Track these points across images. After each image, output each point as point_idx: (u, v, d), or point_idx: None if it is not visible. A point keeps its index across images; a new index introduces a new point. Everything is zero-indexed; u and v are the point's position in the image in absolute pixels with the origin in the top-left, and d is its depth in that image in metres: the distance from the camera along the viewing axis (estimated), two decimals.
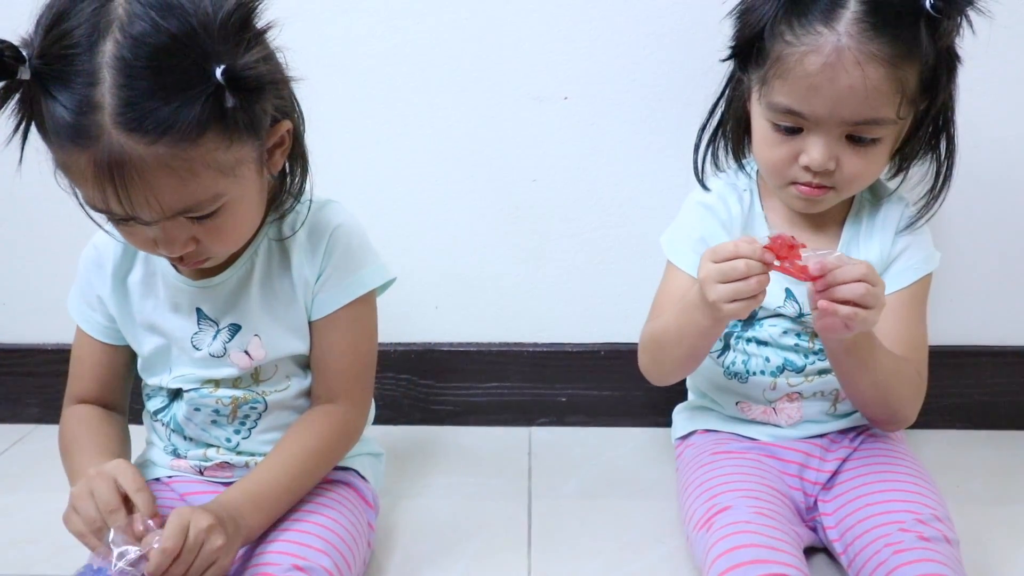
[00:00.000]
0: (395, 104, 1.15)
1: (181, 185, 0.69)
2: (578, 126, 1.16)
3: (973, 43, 0.85)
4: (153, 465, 0.94)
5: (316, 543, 0.82)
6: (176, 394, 0.90)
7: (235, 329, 0.86)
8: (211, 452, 0.90)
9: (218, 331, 0.87)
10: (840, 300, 0.78)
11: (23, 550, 1.00)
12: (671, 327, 0.92)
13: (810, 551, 0.96)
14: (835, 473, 0.97)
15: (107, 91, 0.65)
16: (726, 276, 0.79)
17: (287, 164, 0.83)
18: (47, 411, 1.29)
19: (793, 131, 0.87)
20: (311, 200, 0.88)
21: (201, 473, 0.91)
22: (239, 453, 0.91)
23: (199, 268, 0.84)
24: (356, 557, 0.87)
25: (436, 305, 1.24)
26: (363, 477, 0.96)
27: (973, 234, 1.17)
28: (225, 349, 0.87)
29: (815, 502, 0.97)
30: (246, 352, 0.87)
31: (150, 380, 0.91)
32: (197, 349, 0.87)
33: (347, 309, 0.88)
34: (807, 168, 0.87)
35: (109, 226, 0.82)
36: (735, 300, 0.79)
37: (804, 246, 0.79)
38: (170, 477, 0.92)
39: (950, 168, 0.94)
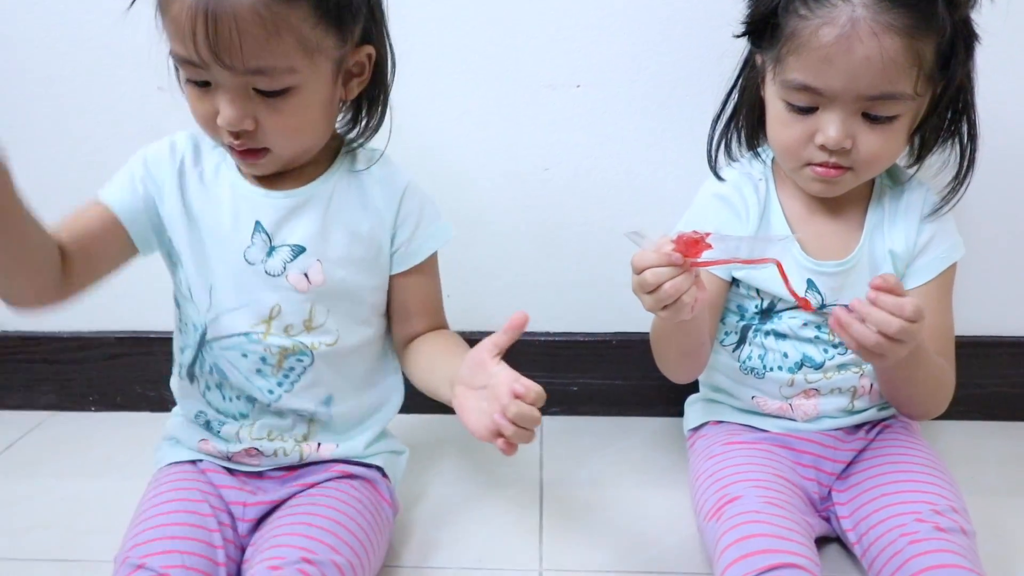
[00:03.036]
0: (407, 92, 1.14)
1: (266, 38, 0.74)
2: (590, 114, 1.15)
3: (993, 22, 0.84)
4: (179, 445, 0.93)
5: (328, 538, 0.82)
6: (202, 343, 0.89)
7: (298, 250, 0.87)
8: (243, 432, 0.89)
9: (273, 248, 0.86)
10: (873, 329, 0.76)
11: (39, 535, 1.01)
12: (657, 327, 0.92)
13: (823, 541, 0.95)
14: (850, 464, 0.96)
15: None
16: (643, 288, 0.78)
17: (365, 104, 0.89)
18: (62, 398, 1.30)
19: (808, 110, 0.86)
20: (384, 147, 0.92)
21: (229, 459, 0.91)
22: (278, 414, 0.90)
23: (270, 177, 0.86)
24: (371, 554, 0.87)
25: (447, 294, 1.24)
26: (385, 475, 0.96)
27: (992, 224, 1.16)
28: (284, 268, 0.87)
29: (829, 492, 0.96)
30: (305, 275, 0.87)
31: (190, 308, 0.88)
32: (250, 263, 0.86)
33: (432, 255, 0.94)
34: (823, 147, 0.86)
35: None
36: (664, 307, 0.78)
37: (708, 235, 0.77)
38: (201, 461, 0.91)
39: (973, 152, 0.92)
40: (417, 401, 1.27)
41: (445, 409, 1.26)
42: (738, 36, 0.91)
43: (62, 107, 1.17)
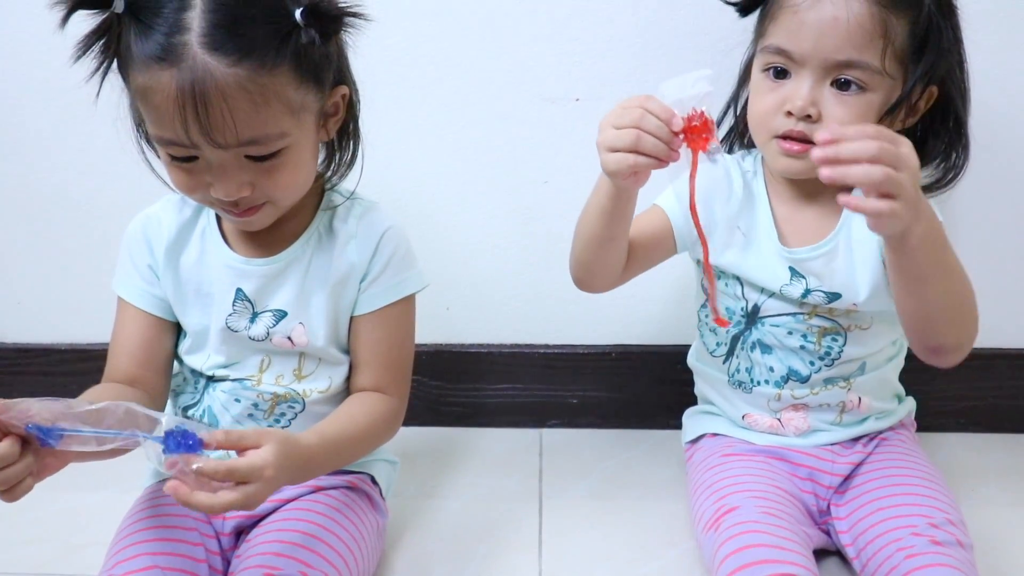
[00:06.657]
0: (405, 106, 1.15)
1: (255, 111, 0.73)
2: (589, 127, 1.13)
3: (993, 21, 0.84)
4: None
5: (300, 553, 0.82)
6: (206, 387, 0.90)
7: (280, 315, 0.88)
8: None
9: (256, 315, 0.88)
10: (848, 161, 0.69)
11: (34, 549, 1.01)
12: (588, 204, 0.89)
13: (823, 554, 0.95)
14: (848, 477, 0.96)
15: (197, 16, 0.71)
16: (617, 121, 0.77)
17: (337, 140, 0.87)
18: None
19: (781, 74, 0.87)
20: (355, 195, 0.91)
21: None
22: None
23: (252, 241, 0.86)
24: (358, 563, 0.86)
25: (447, 306, 1.24)
26: (376, 483, 0.96)
27: (989, 235, 1.16)
28: (268, 333, 0.88)
29: (828, 506, 0.96)
30: (289, 338, 0.88)
31: (194, 360, 0.90)
32: (234, 331, 0.87)
33: (395, 306, 0.91)
34: (790, 114, 0.86)
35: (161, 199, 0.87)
36: (614, 150, 0.77)
37: (714, 139, 0.75)
38: None
39: (958, 156, 0.92)
40: (413, 413, 1.27)
41: (442, 421, 1.27)
42: (729, 2, 0.93)
43: (65, 113, 1.17)
